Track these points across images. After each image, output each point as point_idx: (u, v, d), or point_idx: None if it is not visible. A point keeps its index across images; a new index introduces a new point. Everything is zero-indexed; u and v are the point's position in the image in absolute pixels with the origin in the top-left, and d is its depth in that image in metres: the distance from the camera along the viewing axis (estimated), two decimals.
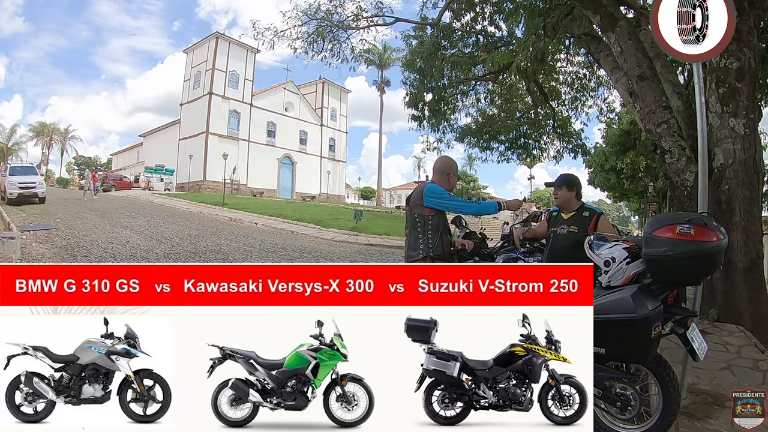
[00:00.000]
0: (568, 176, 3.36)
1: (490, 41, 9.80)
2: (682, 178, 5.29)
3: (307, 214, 20.84)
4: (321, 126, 41.91)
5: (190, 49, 36.67)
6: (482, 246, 4.86)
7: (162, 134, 38.44)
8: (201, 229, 15.16)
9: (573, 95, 11.63)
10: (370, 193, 51.58)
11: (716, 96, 4.92)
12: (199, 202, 23.94)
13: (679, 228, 2.15)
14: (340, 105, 44.43)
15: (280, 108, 38.53)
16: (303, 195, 37.66)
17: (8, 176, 17.85)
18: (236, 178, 33.04)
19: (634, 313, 2.15)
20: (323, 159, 42.08)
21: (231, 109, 34.84)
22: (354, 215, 18.93)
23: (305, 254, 11.95)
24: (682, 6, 2.88)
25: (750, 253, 4.84)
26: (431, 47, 10.11)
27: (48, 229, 12.04)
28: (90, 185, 23.52)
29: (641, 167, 18.58)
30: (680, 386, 2.49)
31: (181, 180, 34.18)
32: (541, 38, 6.29)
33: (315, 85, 42.16)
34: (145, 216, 17.18)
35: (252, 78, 36.66)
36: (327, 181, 42.14)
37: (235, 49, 34.62)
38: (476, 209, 3.28)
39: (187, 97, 35.69)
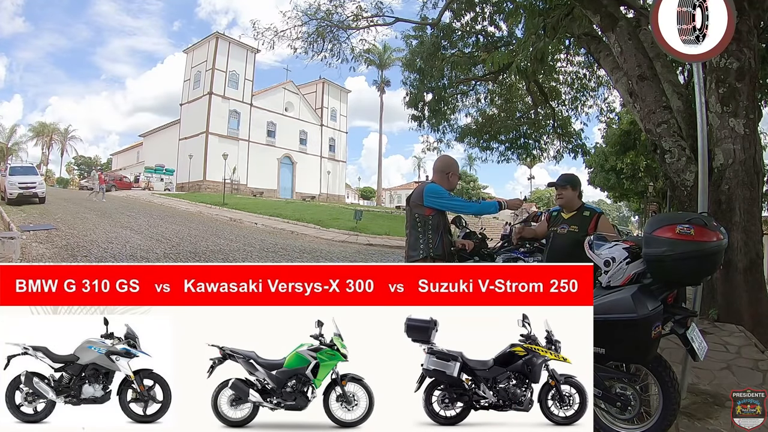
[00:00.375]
0: (570, 176, 3.36)
1: (490, 41, 9.80)
2: (682, 178, 5.29)
3: (307, 214, 20.82)
4: (321, 126, 41.87)
5: (190, 49, 36.62)
6: (482, 246, 4.88)
7: (162, 134, 38.38)
8: (201, 229, 15.15)
9: (573, 95, 11.63)
10: (370, 193, 51.52)
11: (716, 96, 4.92)
12: (199, 202, 23.90)
13: (679, 228, 2.16)
14: (340, 105, 44.38)
15: (280, 108, 38.50)
16: (303, 195, 37.63)
17: (8, 176, 17.85)
18: (236, 178, 33.00)
19: (634, 313, 2.16)
20: (323, 159, 42.05)
21: (231, 109, 34.80)
22: (354, 215, 18.89)
23: (305, 254, 11.95)
24: (682, 6, 2.88)
25: (750, 253, 4.84)
26: (431, 47, 10.10)
27: (48, 229, 12.03)
28: (97, 186, 23.14)
29: (641, 167, 18.60)
30: (680, 386, 2.49)
31: (181, 180, 34.15)
32: (541, 38, 6.29)
33: (315, 85, 42.11)
34: (145, 216, 17.16)
35: (252, 78, 36.62)
36: (327, 181, 42.10)
37: (235, 49, 34.58)
38: (476, 209, 3.28)
39: (187, 97, 35.65)
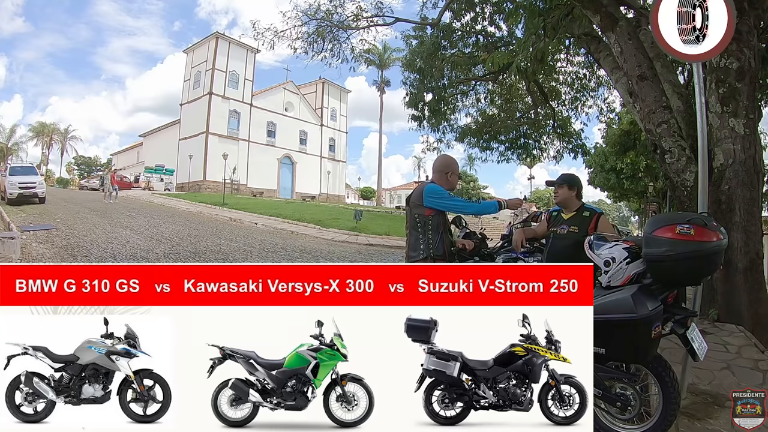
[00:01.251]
0: (568, 175, 3.36)
1: (490, 41, 9.80)
2: (682, 178, 5.29)
3: (307, 214, 20.80)
4: (321, 126, 41.86)
5: (190, 49, 36.61)
6: (482, 246, 4.87)
7: (162, 134, 38.37)
8: (201, 229, 15.13)
9: (573, 95, 11.63)
10: (370, 193, 51.47)
11: (716, 96, 4.92)
12: (199, 202, 23.86)
13: (679, 228, 2.16)
14: (340, 105, 44.36)
15: (280, 108, 38.48)
16: (303, 195, 37.61)
17: (8, 176, 17.81)
18: (236, 178, 32.98)
19: (634, 313, 2.16)
20: (323, 159, 42.03)
21: (231, 109, 34.79)
22: (354, 215, 18.88)
23: (305, 254, 11.94)
24: (682, 6, 2.88)
25: (750, 253, 4.84)
26: (431, 47, 10.11)
27: (48, 229, 12.03)
28: (109, 186, 22.36)
29: (641, 167, 18.58)
30: (680, 386, 2.49)
31: (181, 180, 34.14)
32: (541, 38, 6.29)
33: (315, 85, 42.10)
34: (145, 216, 17.14)
35: (252, 78, 36.60)
36: (327, 181, 42.08)
37: (235, 49, 34.57)
38: (477, 209, 3.27)
39: (187, 97, 35.64)
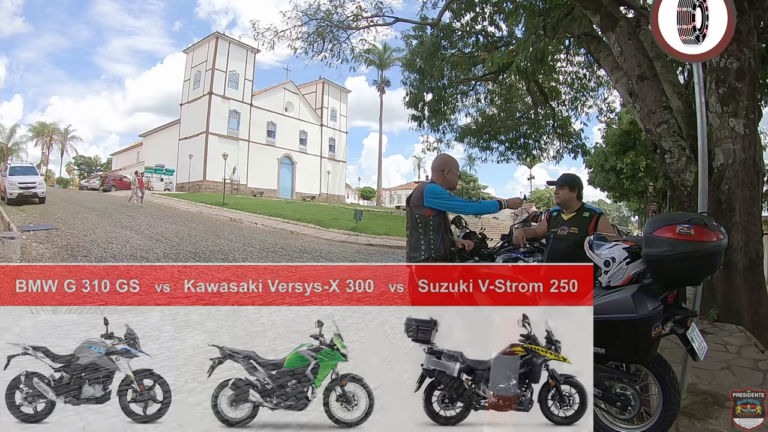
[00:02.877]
0: (570, 176, 3.36)
1: (490, 41, 9.80)
2: (682, 178, 5.29)
3: (307, 214, 20.81)
4: (321, 126, 41.85)
5: (190, 49, 36.60)
6: (482, 246, 4.86)
7: (162, 134, 38.35)
8: (201, 229, 15.14)
9: (573, 95, 11.64)
10: (370, 193, 51.47)
11: (716, 96, 4.92)
12: (199, 202, 23.86)
13: (679, 228, 2.16)
14: (340, 105, 44.35)
15: (280, 108, 38.48)
16: (303, 195, 37.61)
17: (8, 176, 17.81)
18: (236, 178, 32.99)
19: (634, 313, 2.15)
20: (323, 159, 42.02)
21: (231, 109, 34.79)
22: (354, 215, 18.86)
23: (305, 254, 11.94)
24: (682, 6, 2.88)
25: (750, 253, 4.84)
26: (431, 47, 10.11)
27: (48, 229, 12.03)
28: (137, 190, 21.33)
29: (641, 167, 18.58)
30: (680, 386, 2.49)
31: (181, 180, 34.13)
32: (541, 38, 6.29)
33: (315, 85, 42.08)
34: (145, 216, 17.15)
35: (252, 78, 36.59)
36: (327, 181, 42.07)
37: (235, 49, 34.56)
38: (477, 209, 3.27)
39: (187, 97, 35.63)
